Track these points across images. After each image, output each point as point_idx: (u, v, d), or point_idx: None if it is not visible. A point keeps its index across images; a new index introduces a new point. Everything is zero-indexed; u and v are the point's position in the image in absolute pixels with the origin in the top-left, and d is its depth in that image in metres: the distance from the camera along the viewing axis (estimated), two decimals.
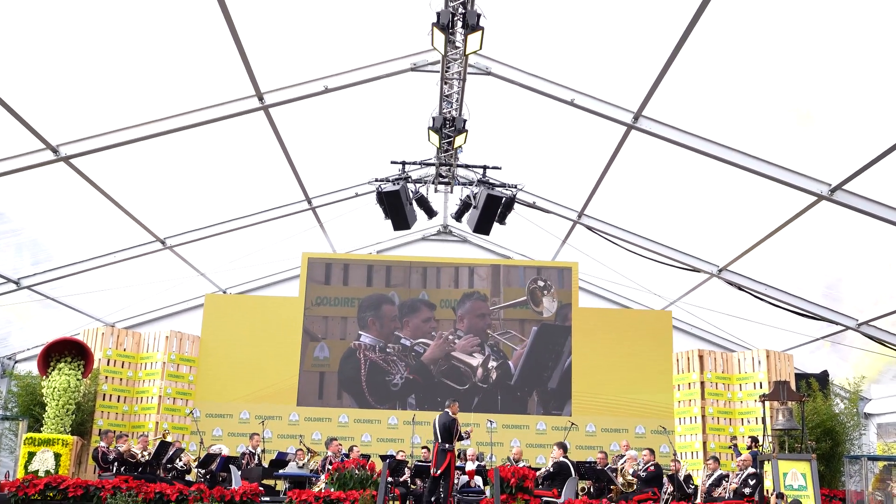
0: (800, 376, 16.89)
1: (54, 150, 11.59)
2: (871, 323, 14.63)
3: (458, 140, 12.05)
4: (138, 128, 11.78)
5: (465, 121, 11.82)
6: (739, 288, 15.47)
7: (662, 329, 18.00)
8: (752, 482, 12.66)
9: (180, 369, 17.37)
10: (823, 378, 17.23)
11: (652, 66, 10.64)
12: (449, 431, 12.89)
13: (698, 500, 12.93)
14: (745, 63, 10.24)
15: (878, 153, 10.14)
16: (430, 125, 11.94)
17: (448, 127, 11.76)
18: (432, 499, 12.78)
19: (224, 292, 19.20)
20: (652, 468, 13.36)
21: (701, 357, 17.44)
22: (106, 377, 16.78)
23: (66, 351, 14.47)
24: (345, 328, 18.10)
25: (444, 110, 11.76)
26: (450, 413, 13.11)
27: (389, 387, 17.81)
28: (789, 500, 11.03)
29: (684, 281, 16.85)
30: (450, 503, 12.84)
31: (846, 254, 13.49)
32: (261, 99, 11.97)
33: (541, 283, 18.22)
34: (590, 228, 15.94)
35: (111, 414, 16.71)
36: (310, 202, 16.21)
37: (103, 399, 16.67)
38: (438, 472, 12.72)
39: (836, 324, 15.14)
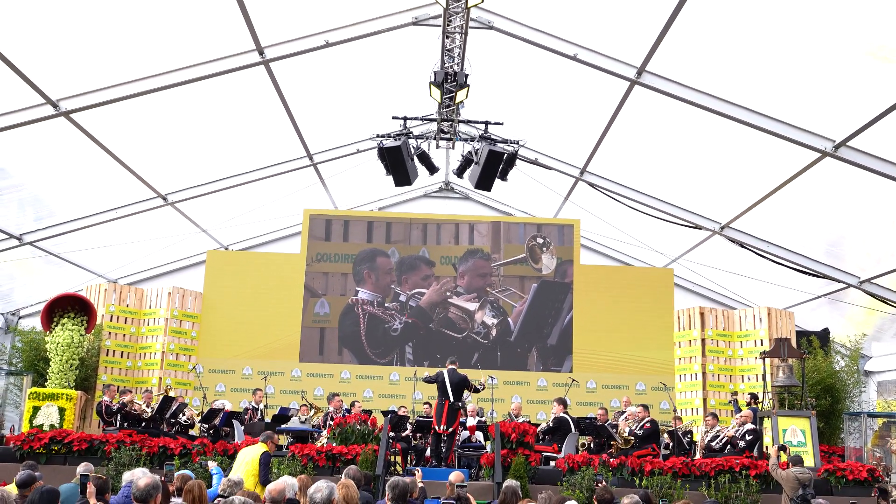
0: (801, 334, 16.94)
1: (54, 105, 11.53)
2: (872, 281, 14.62)
3: (460, 95, 11.96)
4: (139, 82, 11.70)
5: (466, 76, 11.73)
6: (741, 245, 15.46)
7: (664, 286, 18.01)
8: (748, 437, 12.73)
9: (183, 325, 17.44)
10: (824, 336, 17.27)
11: (655, 20, 10.51)
12: (461, 388, 12.81)
13: (697, 456, 13.03)
14: (749, 17, 10.12)
15: (882, 109, 10.06)
16: (432, 80, 11.85)
17: (450, 82, 11.67)
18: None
19: (226, 249, 19.21)
20: (648, 425, 13.43)
21: (702, 314, 17.48)
22: (109, 333, 16.86)
23: (70, 306, 14.51)
24: (345, 284, 18.13)
25: (446, 65, 11.66)
26: (457, 370, 12.98)
27: (389, 333, 17.86)
28: (791, 454, 11.11)
29: (686, 238, 16.83)
30: (451, 458, 12.95)
31: (849, 211, 13.45)
32: (261, 53, 11.87)
33: (540, 241, 18.20)
34: (592, 185, 15.88)
35: (115, 369, 16.82)
36: (311, 158, 16.15)
37: (107, 355, 16.77)
38: (449, 429, 12.69)
39: (838, 281, 15.14)
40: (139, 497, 5.81)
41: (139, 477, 6.13)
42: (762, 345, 16.44)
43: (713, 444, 13.01)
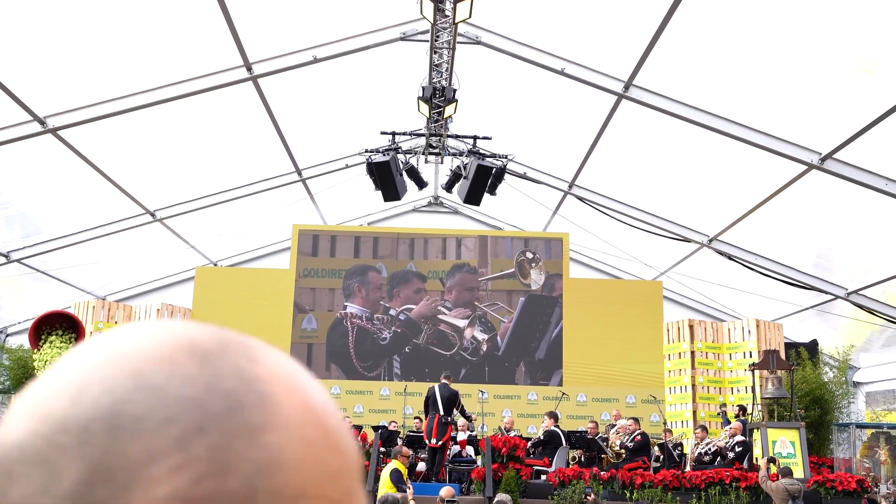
0: (789, 345, 17.00)
1: (41, 122, 11.48)
2: (860, 292, 14.69)
3: (448, 110, 12.00)
4: (126, 99, 11.67)
5: (454, 91, 11.77)
6: (729, 258, 15.52)
7: (653, 299, 18.05)
8: (738, 449, 12.76)
9: None
10: (813, 347, 17.35)
11: (642, 34, 10.58)
12: (452, 403, 12.87)
13: (688, 468, 13.05)
14: (736, 31, 10.21)
15: (868, 121, 10.14)
16: (420, 95, 11.89)
17: (438, 97, 11.71)
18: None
19: (215, 265, 19.17)
20: (639, 437, 13.46)
21: (691, 327, 17.54)
22: None
23: (58, 324, 14.37)
24: (332, 300, 18.10)
25: (434, 80, 11.70)
26: (449, 385, 13.08)
27: (378, 344, 17.82)
28: (780, 465, 11.14)
29: (675, 251, 16.90)
30: (442, 473, 12.93)
31: (836, 223, 13.54)
32: (249, 69, 11.87)
33: (529, 256, 18.23)
34: (580, 199, 15.93)
35: None
36: (300, 174, 16.15)
37: None
38: (440, 443, 12.75)
39: (826, 293, 15.21)
40: None
41: None
42: (751, 357, 16.48)
43: (703, 455, 13.03)
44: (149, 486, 0.45)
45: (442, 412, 12.82)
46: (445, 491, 8.75)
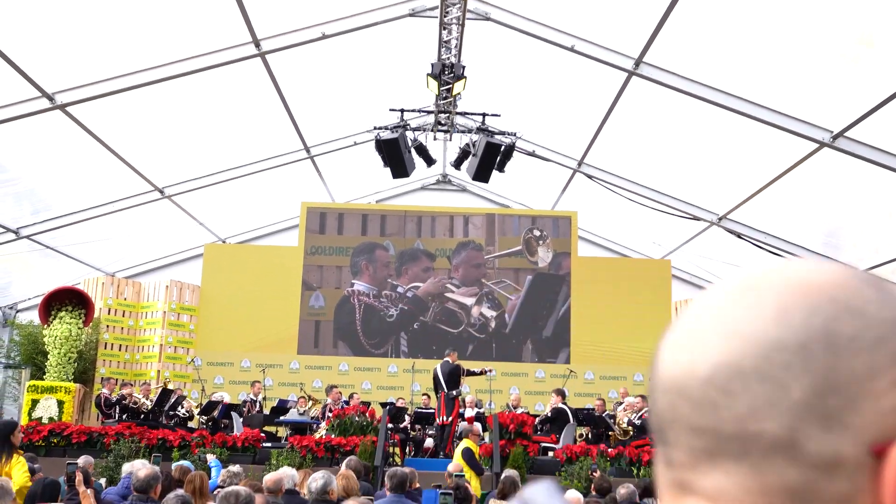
0: None
1: (50, 98, 11.49)
2: (870, 271, 14.62)
3: (457, 87, 11.93)
4: (135, 75, 11.66)
5: (463, 67, 11.71)
6: (739, 236, 15.46)
7: (661, 278, 18.03)
8: None
9: (181, 318, 17.46)
10: None
11: (653, 11, 10.49)
12: (455, 378, 13.00)
13: None
14: (746, 7, 10.12)
15: (881, 99, 10.06)
16: (429, 72, 11.83)
17: (447, 73, 11.65)
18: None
19: (223, 242, 19.20)
20: (646, 414, 13.42)
21: None
22: (107, 326, 16.87)
23: (67, 300, 14.54)
24: (339, 277, 18.14)
25: (443, 56, 11.65)
26: (450, 361, 13.23)
27: (385, 321, 17.87)
28: None
29: (684, 229, 16.84)
30: (449, 448, 13.01)
31: (847, 201, 13.47)
32: (257, 45, 11.83)
33: (536, 234, 18.22)
34: (589, 177, 15.88)
35: (113, 362, 16.83)
36: (308, 151, 16.13)
37: (105, 348, 16.78)
38: (448, 419, 12.86)
39: None
40: (139, 487, 5.84)
41: (139, 468, 6.15)
42: None
43: None
44: (876, 397, 0.51)
45: (445, 389, 12.98)
46: (453, 466, 8.79)
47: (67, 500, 6.38)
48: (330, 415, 13.33)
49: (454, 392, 13.03)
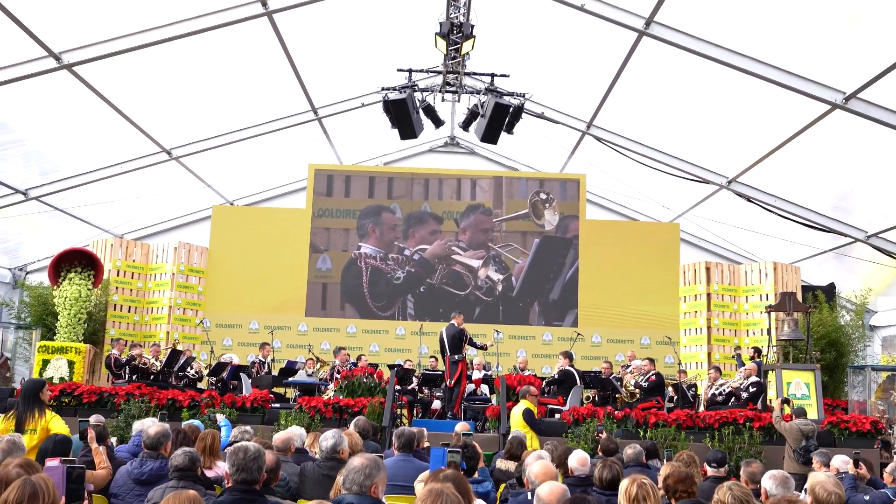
0: (806, 288, 16.95)
1: (57, 58, 11.42)
2: (880, 235, 14.58)
3: (466, 46, 11.81)
4: (142, 34, 11.57)
5: (472, 26, 11.58)
6: (748, 199, 15.39)
7: (670, 241, 17.99)
8: (752, 389, 12.79)
9: (189, 280, 17.51)
10: (830, 290, 17.28)
11: None
12: (457, 342, 13.10)
13: (701, 409, 13.11)
14: None
15: (895, 59, 9.93)
16: (437, 31, 11.70)
17: (455, 33, 11.53)
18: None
19: (231, 204, 19.19)
20: (653, 377, 13.50)
21: (708, 269, 17.49)
22: (116, 288, 16.93)
23: (76, 261, 14.56)
24: (346, 240, 18.14)
25: (452, 15, 11.53)
26: (455, 324, 13.30)
27: (392, 283, 17.90)
28: (794, 406, 11.17)
29: (693, 193, 16.76)
30: (455, 410, 13.09)
31: (858, 165, 13.36)
32: (264, 4, 11.72)
33: (542, 196, 18.15)
34: (598, 139, 15.77)
35: (122, 324, 16.92)
36: (315, 112, 16.05)
37: (114, 309, 16.86)
38: (452, 382, 12.96)
39: (846, 236, 15.09)
40: (150, 444, 5.88)
41: (149, 426, 6.19)
42: (767, 299, 16.44)
43: (716, 396, 13.09)
44: None
45: (449, 352, 13.08)
46: (461, 426, 8.83)
47: (81, 456, 6.43)
48: (338, 376, 13.39)
49: (457, 356, 13.11)
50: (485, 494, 6.23)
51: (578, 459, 6.36)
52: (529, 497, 5.07)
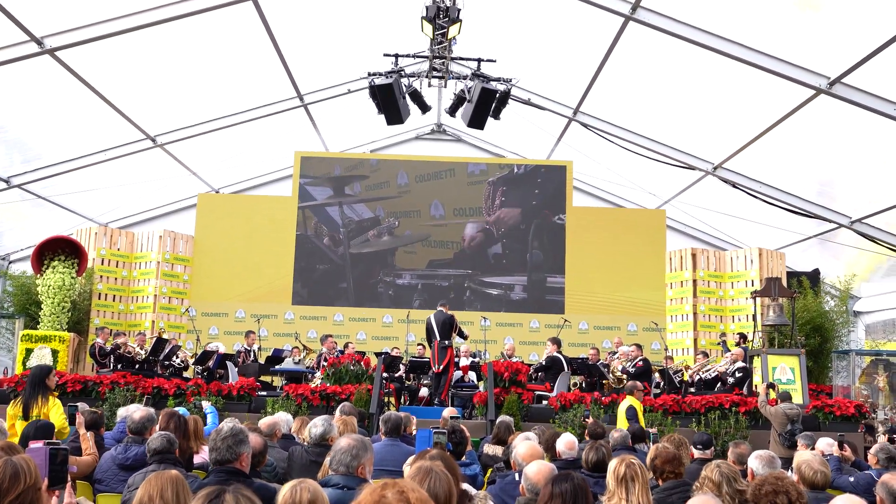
0: (791, 274, 17.02)
1: (39, 42, 11.30)
2: (864, 220, 14.64)
3: (452, 30, 11.74)
4: (125, 18, 11.45)
5: (458, 10, 11.52)
6: (734, 185, 15.42)
7: (656, 228, 18.03)
8: (738, 374, 12.84)
9: (175, 269, 17.41)
10: (815, 276, 17.37)
11: None
12: (447, 327, 13.08)
13: (687, 396, 13.15)
14: None
15: (879, 44, 9.95)
16: (424, 15, 11.63)
17: (441, 17, 11.46)
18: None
19: (217, 192, 19.08)
20: (640, 363, 13.54)
21: (694, 255, 17.54)
22: (101, 276, 16.82)
23: (60, 249, 14.42)
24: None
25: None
26: (443, 311, 13.29)
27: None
28: (780, 391, 11.23)
29: (679, 179, 16.79)
30: (443, 397, 13.08)
31: (842, 150, 13.40)
32: None
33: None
34: (585, 125, 15.76)
35: (107, 313, 16.81)
36: (301, 99, 15.96)
37: (99, 298, 16.75)
38: (440, 367, 12.94)
39: (830, 221, 15.16)
40: (135, 429, 5.84)
41: (134, 411, 6.15)
42: (753, 285, 16.52)
43: (703, 376, 13.15)
44: None
45: (439, 337, 13.05)
46: (448, 411, 8.84)
47: (70, 442, 6.39)
48: (325, 364, 13.35)
49: (446, 342, 13.09)
50: (472, 477, 6.23)
51: (566, 443, 6.36)
52: (517, 478, 5.06)
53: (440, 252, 18.00)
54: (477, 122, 12.98)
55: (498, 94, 12.65)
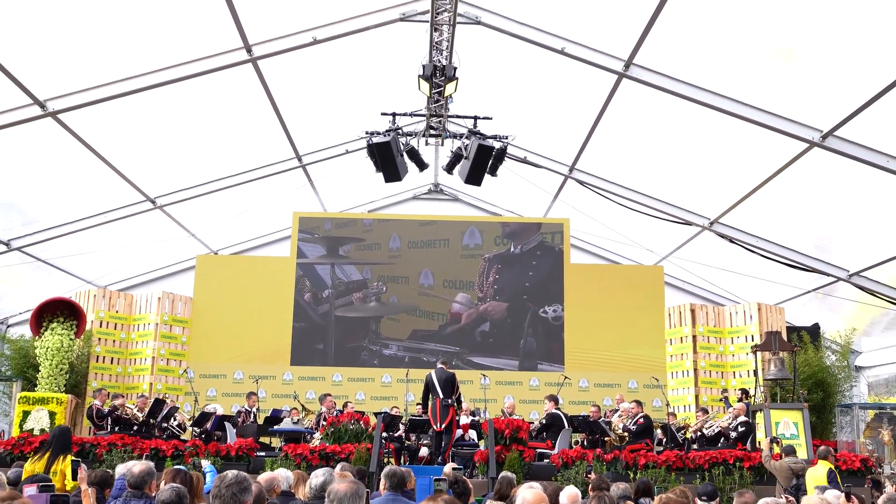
0: (791, 329, 16.98)
1: (42, 106, 11.45)
2: (862, 273, 14.67)
3: (449, 88, 11.95)
4: (127, 81, 11.63)
5: (455, 69, 11.73)
6: (731, 240, 15.48)
7: (654, 284, 18.06)
8: (741, 429, 12.72)
9: (173, 330, 17.36)
10: (815, 331, 17.34)
11: (642, 12, 10.53)
12: (450, 385, 12.91)
13: (690, 452, 13.01)
14: (735, 8, 10.17)
15: (870, 96, 10.10)
16: (420, 73, 11.84)
17: (438, 76, 11.67)
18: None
19: (215, 253, 19.13)
20: (642, 420, 13.43)
21: (692, 311, 17.53)
22: (99, 339, 16.76)
23: (59, 311, 14.42)
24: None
25: (434, 58, 11.68)
26: (445, 369, 13.15)
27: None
28: (784, 445, 11.12)
29: (676, 235, 16.86)
30: (446, 456, 12.91)
31: (838, 203, 13.49)
32: (249, 51, 11.83)
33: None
34: (581, 182, 15.89)
35: (105, 375, 16.71)
36: (300, 160, 16.11)
37: (97, 361, 16.67)
38: (442, 426, 12.74)
39: (828, 275, 15.18)
40: (134, 483, 5.75)
41: (133, 465, 6.07)
42: (753, 340, 16.48)
43: (706, 432, 13.02)
44: None
45: (441, 395, 12.89)
46: (449, 467, 8.75)
47: (73, 496, 6.32)
48: (324, 423, 13.23)
49: (450, 400, 12.94)
50: None
51: (570, 496, 6.28)
52: None
53: (425, 322, 17.96)
54: (474, 178, 13.10)
55: (494, 151, 12.79)
